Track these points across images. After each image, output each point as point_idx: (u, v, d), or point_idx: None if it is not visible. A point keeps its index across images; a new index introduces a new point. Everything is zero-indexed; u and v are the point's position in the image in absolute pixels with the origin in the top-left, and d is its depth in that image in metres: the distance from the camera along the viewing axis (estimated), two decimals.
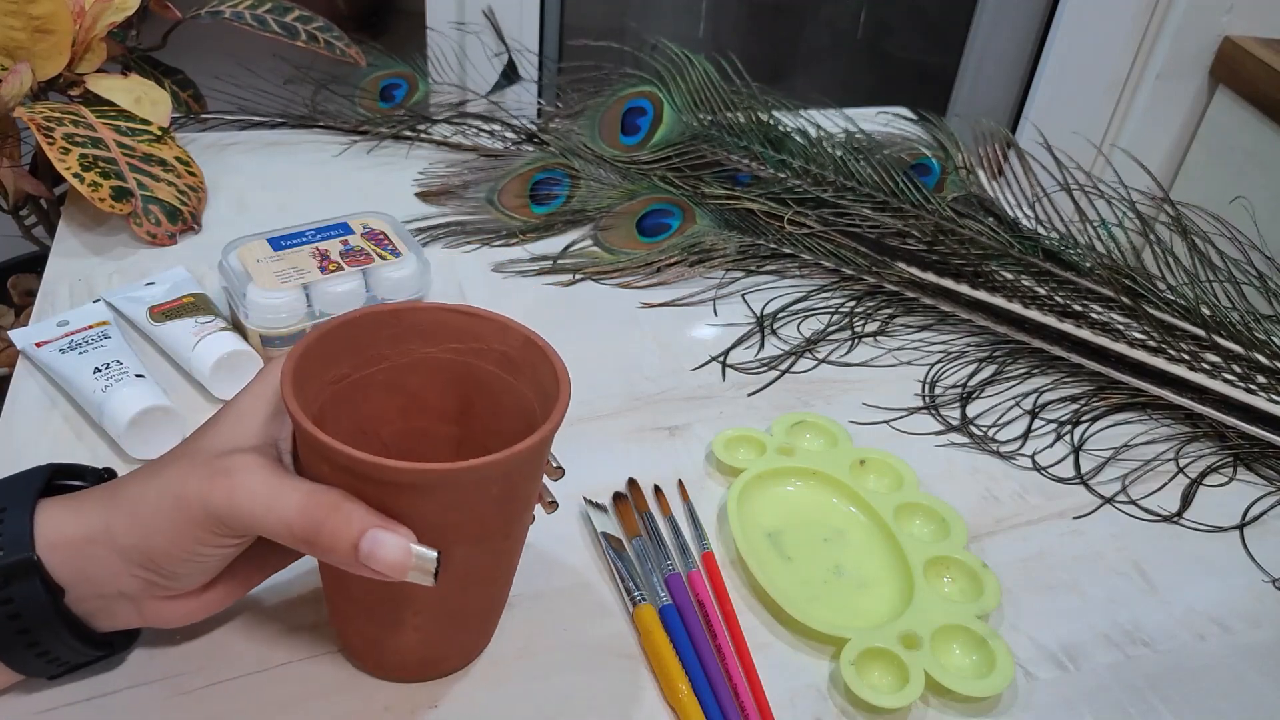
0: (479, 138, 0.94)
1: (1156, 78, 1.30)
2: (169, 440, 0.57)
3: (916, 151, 0.89)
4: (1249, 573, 0.58)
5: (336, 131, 0.93)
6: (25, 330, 0.64)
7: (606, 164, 0.87)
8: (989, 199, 0.84)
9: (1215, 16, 1.26)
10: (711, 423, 0.64)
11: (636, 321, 0.74)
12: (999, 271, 0.76)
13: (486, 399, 0.48)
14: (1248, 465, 0.65)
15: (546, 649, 0.50)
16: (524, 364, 0.46)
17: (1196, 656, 0.52)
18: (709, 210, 0.82)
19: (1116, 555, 0.58)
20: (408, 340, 0.47)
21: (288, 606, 0.50)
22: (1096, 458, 0.65)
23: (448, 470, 0.38)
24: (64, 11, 0.75)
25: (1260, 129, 1.22)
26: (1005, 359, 0.72)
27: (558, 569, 0.54)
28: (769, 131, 0.86)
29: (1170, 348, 0.70)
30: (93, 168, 0.73)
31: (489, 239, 0.81)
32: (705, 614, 0.51)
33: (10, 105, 0.73)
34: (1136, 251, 0.75)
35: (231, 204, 0.82)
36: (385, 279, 0.66)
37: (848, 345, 0.73)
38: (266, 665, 0.47)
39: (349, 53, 0.91)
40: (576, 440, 0.62)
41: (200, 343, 0.62)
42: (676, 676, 0.47)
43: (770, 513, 0.58)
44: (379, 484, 0.39)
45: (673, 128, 0.86)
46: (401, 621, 0.44)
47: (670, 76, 0.87)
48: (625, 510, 0.57)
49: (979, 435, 0.66)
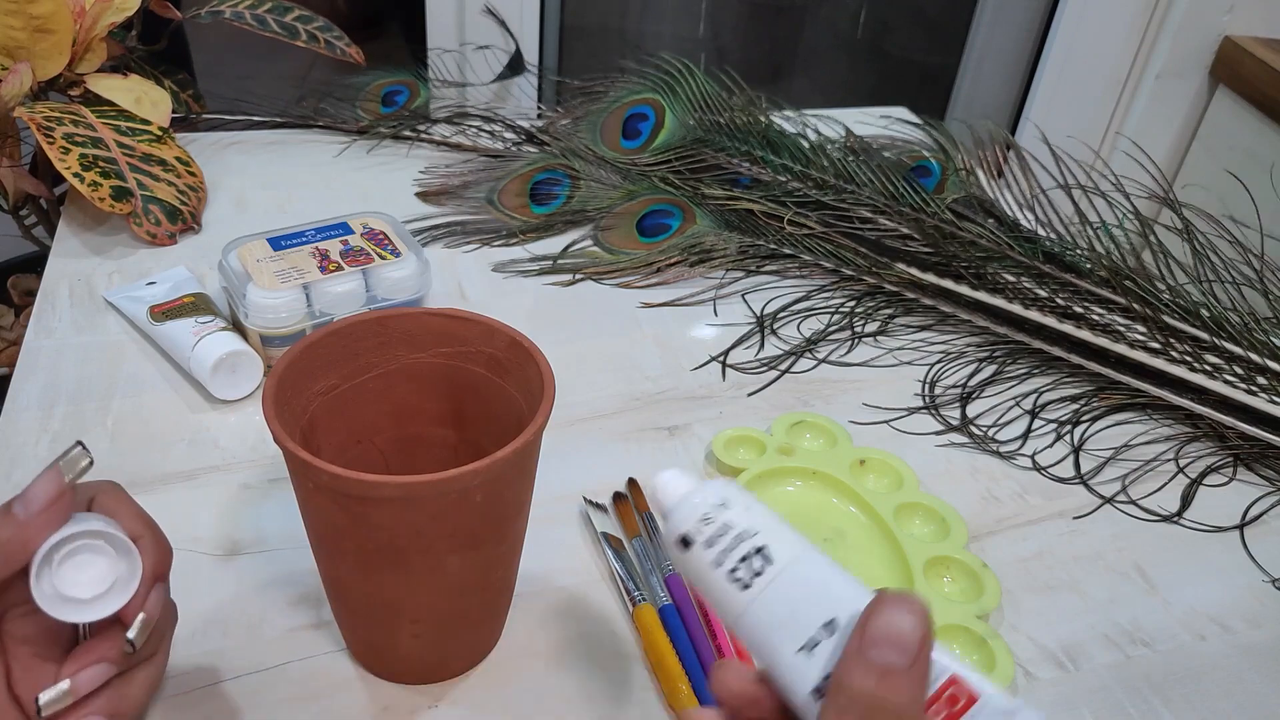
0: (479, 138, 0.93)
1: (1156, 77, 1.30)
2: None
3: (916, 153, 0.89)
4: (1249, 573, 0.58)
5: (336, 131, 0.93)
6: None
7: (607, 165, 0.87)
8: (989, 200, 0.84)
9: (1215, 16, 1.26)
10: (711, 423, 0.64)
11: (636, 321, 0.74)
12: (999, 273, 0.76)
13: (477, 402, 0.48)
14: (1248, 465, 0.65)
15: (547, 649, 0.50)
16: (512, 366, 0.45)
17: (1196, 656, 0.52)
18: (709, 211, 0.82)
19: (1116, 555, 0.58)
20: (395, 347, 0.47)
21: (288, 606, 0.50)
22: (1096, 458, 0.65)
23: (429, 481, 0.38)
24: (64, 11, 0.74)
25: (1260, 129, 1.22)
26: (1005, 359, 0.72)
27: (558, 569, 0.54)
28: (769, 135, 0.86)
29: (1170, 349, 0.70)
30: (93, 167, 0.73)
31: (489, 239, 0.81)
32: (705, 614, 0.51)
33: (10, 105, 0.73)
34: (1136, 252, 0.75)
35: (231, 204, 0.82)
36: (385, 279, 0.66)
37: (848, 345, 0.73)
38: (266, 665, 0.47)
39: (349, 52, 0.91)
40: (576, 440, 0.62)
41: (200, 342, 0.62)
42: (676, 676, 0.47)
43: None
44: (361, 499, 0.39)
45: (674, 133, 0.87)
46: (399, 629, 0.44)
47: (671, 84, 0.88)
48: (625, 510, 0.57)
49: (979, 435, 0.66)
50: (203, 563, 0.52)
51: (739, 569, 0.31)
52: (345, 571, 0.43)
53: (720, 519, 0.32)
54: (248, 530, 0.54)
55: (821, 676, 0.29)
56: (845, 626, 0.29)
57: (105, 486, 0.40)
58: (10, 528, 0.36)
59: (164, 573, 0.40)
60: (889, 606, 0.28)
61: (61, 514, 0.37)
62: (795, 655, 0.30)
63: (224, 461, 0.58)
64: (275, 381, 0.42)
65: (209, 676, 0.46)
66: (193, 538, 0.53)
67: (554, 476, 0.58)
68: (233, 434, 0.60)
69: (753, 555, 0.31)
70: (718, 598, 0.32)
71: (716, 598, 0.32)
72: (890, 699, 0.27)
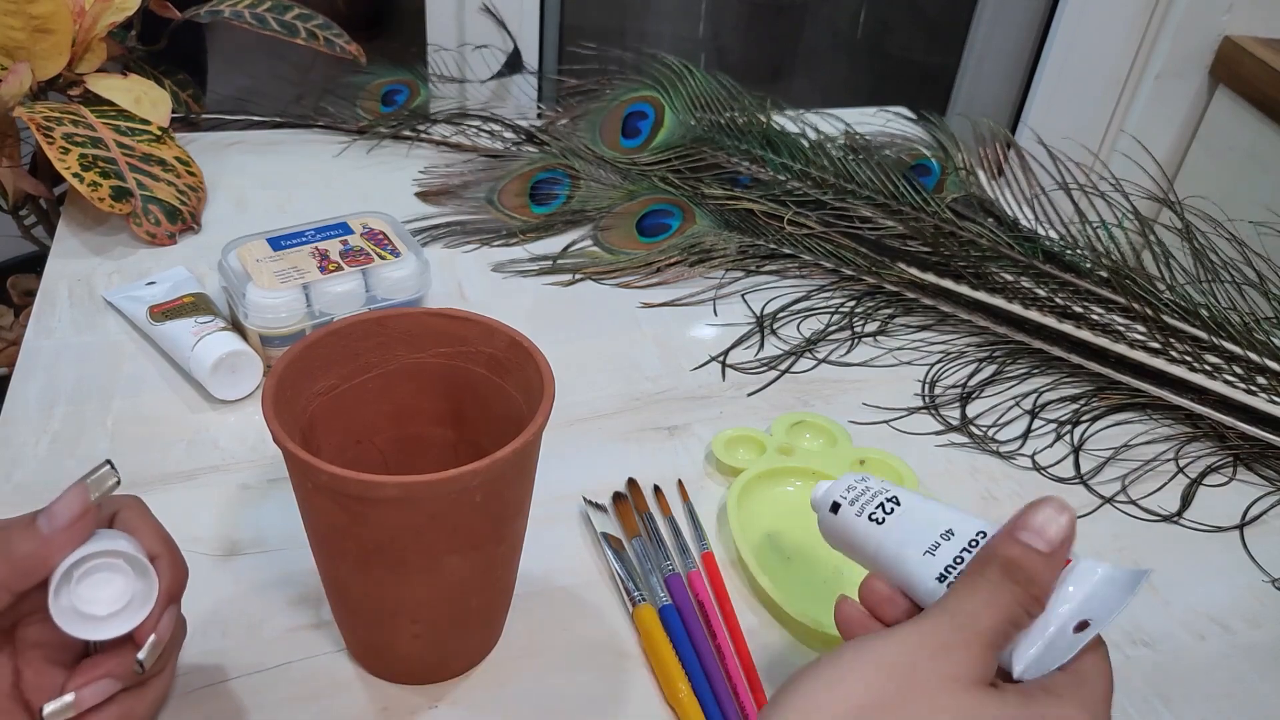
0: (479, 138, 0.93)
1: (1156, 77, 1.30)
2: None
3: (916, 152, 0.89)
4: (1249, 573, 0.58)
5: (336, 131, 0.93)
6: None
7: (607, 164, 0.87)
8: (989, 200, 0.84)
9: (1215, 16, 1.26)
10: (711, 423, 0.64)
11: (636, 321, 0.74)
12: (999, 273, 0.76)
13: (477, 402, 0.48)
14: (1248, 465, 0.65)
15: (546, 649, 0.50)
16: (512, 365, 0.45)
17: (1196, 656, 0.52)
18: (709, 210, 0.82)
19: (1116, 555, 0.58)
20: (395, 347, 0.47)
21: (288, 606, 0.50)
22: (1096, 458, 0.65)
23: (428, 481, 0.38)
24: (64, 11, 0.74)
25: (1260, 129, 1.22)
26: (1005, 359, 0.72)
27: (558, 569, 0.54)
28: (769, 134, 0.86)
29: (1170, 349, 0.70)
30: (92, 167, 0.73)
31: (489, 239, 0.81)
32: (705, 614, 0.51)
33: (10, 105, 0.73)
34: (1136, 252, 0.75)
35: (231, 204, 0.82)
36: (385, 279, 0.66)
37: (848, 345, 0.73)
38: (266, 665, 0.47)
39: (349, 50, 0.90)
40: (576, 440, 0.62)
41: (200, 342, 0.62)
42: (676, 676, 0.47)
43: (770, 513, 0.58)
44: (360, 499, 0.39)
45: (674, 131, 0.87)
46: (400, 629, 0.44)
47: (671, 82, 0.88)
48: (625, 510, 0.57)
49: (979, 435, 0.66)
50: (202, 563, 0.52)
51: (875, 512, 0.42)
52: (345, 571, 0.43)
53: (861, 485, 0.43)
54: (247, 530, 0.54)
55: (944, 567, 0.38)
56: (960, 533, 0.39)
57: (129, 502, 0.41)
58: (33, 542, 0.36)
59: (178, 594, 0.40)
60: (1045, 505, 0.35)
61: (84, 531, 0.37)
62: (922, 557, 0.39)
63: (223, 461, 0.58)
64: (275, 381, 0.42)
65: (209, 676, 0.46)
66: (192, 538, 0.53)
67: (554, 476, 0.58)
68: (232, 434, 0.60)
69: (886, 501, 0.42)
70: (860, 539, 0.42)
71: (859, 540, 0.42)
72: (1025, 565, 0.34)
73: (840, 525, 0.43)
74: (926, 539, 0.40)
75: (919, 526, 0.40)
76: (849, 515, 0.42)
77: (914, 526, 0.40)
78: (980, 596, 0.35)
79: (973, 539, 0.38)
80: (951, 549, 0.39)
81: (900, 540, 0.40)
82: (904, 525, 0.41)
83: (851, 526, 0.42)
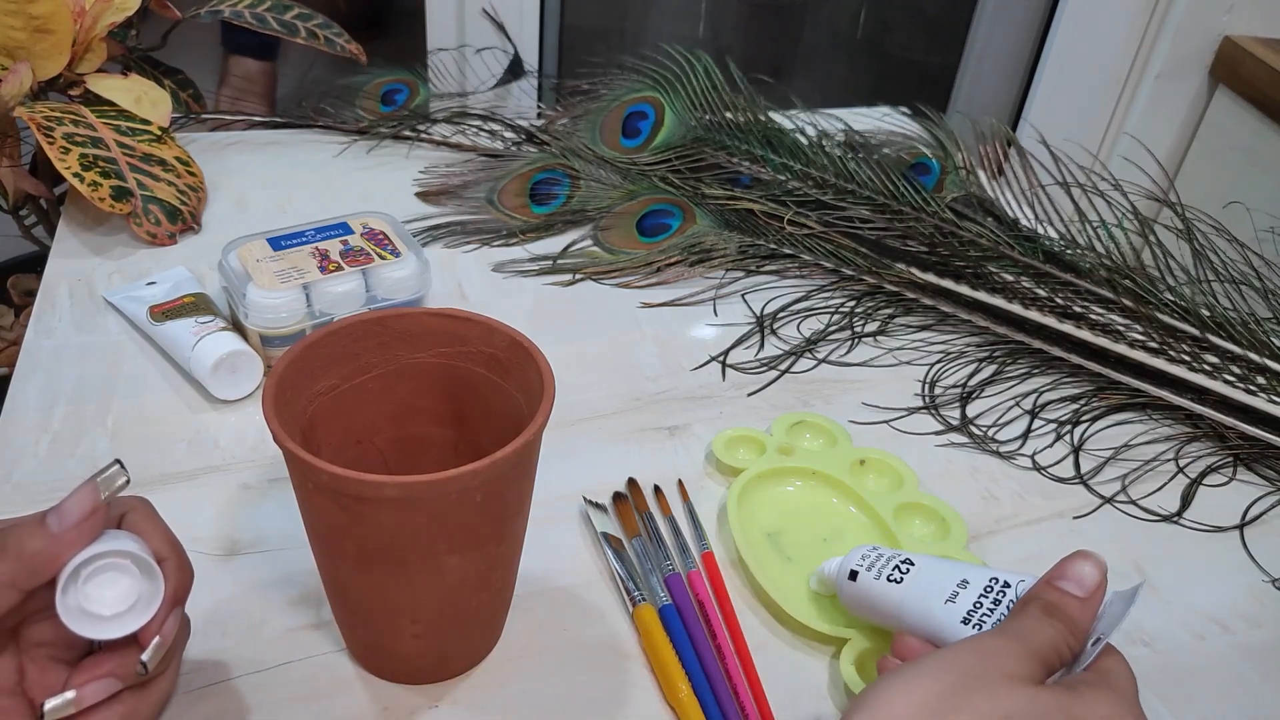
0: (479, 138, 0.93)
1: (1156, 77, 1.30)
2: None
3: (916, 151, 0.89)
4: (1249, 573, 0.58)
5: (336, 131, 0.93)
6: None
7: (607, 164, 0.87)
8: (989, 199, 0.84)
9: (1215, 16, 1.26)
10: (711, 423, 0.64)
11: (636, 321, 0.74)
12: (999, 273, 0.76)
13: (477, 402, 0.48)
14: (1248, 465, 0.65)
15: (547, 649, 0.50)
16: (512, 365, 0.45)
17: (1196, 656, 0.52)
18: (709, 210, 0.82)
19: (1116, 555, 0.58)
20: (395, 347, 0.47)
21: (288, 606, 0.50)
22: (1096, 458, 0.65)
23: (428, 481, 0.38)
24: (64, 11, 0.74)
25: (1260, 129, 1.22)
26: (1005, 359, 0.72)
27: (558, 569, 0.54)
28: (769, 134, 0.86)
29: (1170, 348, 0.70)
30: (93, 167, 0.73)
31: (489, 239, 0.81)
32: (705, 614, 0.51)
33: (10, 105, 0.73)
34: (1136, 252, 0.75)
35: (231, 204, 0.82)
36: (385, 279, 0.66)
37: (848, 345, 0.73)
38: (266, 665, 0.47)
39: (349, 49, 0.91)
40: (576, 440, 0.62)
41: (200, 342, 0.62)
42: (676, 676, 0.47)
43: (770, 513, 0.58)
44: (361, 499, 0.39)
45: (674, 131, 0.87)
46: (400, 629, 0.44)
47: (672, 81, 0.87)
48: (625, 510, 0.57)
49: (979, 435, 0.66)
50: (202, 562, 0.52)
51: (892, 574, 0.46)
52: (345, 571, 0.43)
53: (874, 553, 0.47)
54: (248, 530, 0.54)
55: (966, 611, 0.42)
56: (974, 582, 0.43)
57: (137, 504, 0.41)
58: (43, 539, 0.37)
59: (184, 597, 0.40)
60: (1079, 557, 0.40)
61: (93, 530, 0.37)
62: (944, 605, 0.43)
63: (224, 461, 0.58)
64: (275, 381, 0.42)
65: (209, 676, 0.46)
66: (193, 537, 0.53)
67: (554, 476, 0.58)
68: (233, 434, 0.60)
69: (900, 563, 0.46)
70: (881, 601, 0.46)
71: (880, 601, 0.46)
72: (1063, 606, 0.38)
73: (861, 590, 0.47)
74: (945, 589, 0.43)
75: (936, 579, 0.44)
76: (868, 580, 0.46)
77: (931, 580, 0.44)
78: (1026, 625, 0.38)
79: (987, 584, 0.43)
80: (970, 595, 0.43)
81: (921, 594, 0.44)
82: (921, 581, 0.45)
83: (872, 589, 0.46)
